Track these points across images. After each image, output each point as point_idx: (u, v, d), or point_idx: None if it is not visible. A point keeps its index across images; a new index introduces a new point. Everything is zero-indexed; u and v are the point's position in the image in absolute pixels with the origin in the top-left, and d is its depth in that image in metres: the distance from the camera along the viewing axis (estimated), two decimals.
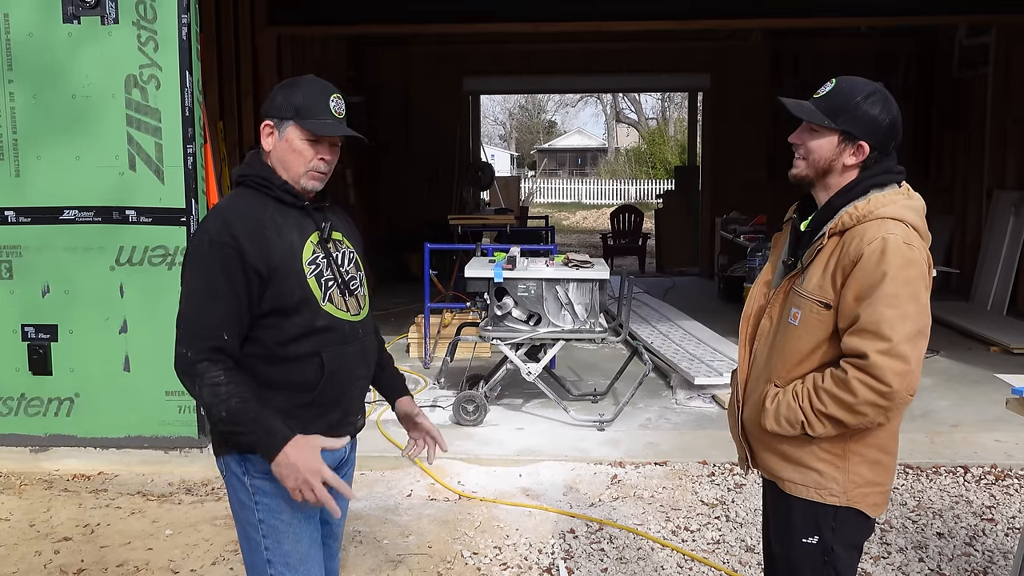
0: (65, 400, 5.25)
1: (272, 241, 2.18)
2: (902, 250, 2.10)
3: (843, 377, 2.12)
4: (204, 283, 2.16)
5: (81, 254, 5.13)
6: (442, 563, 3.89)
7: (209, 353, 2.12)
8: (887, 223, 2.13)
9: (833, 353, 2.19)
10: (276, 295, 2.18)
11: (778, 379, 2.26)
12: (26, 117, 5.08)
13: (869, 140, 2.19)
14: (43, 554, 3.98)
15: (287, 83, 2.30)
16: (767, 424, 2.24)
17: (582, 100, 40.76)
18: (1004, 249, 9.36)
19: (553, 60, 12.83)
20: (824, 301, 2.17)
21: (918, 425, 5.66)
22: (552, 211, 24.57)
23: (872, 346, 2.08)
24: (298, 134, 2.23)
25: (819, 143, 2.22)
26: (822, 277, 2.18)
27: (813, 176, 2.25)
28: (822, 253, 2.20)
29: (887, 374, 2.07)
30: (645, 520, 4.32)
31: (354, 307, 2.32)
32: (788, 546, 2.31)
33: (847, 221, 2.17)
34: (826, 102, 2.22)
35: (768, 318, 2.33)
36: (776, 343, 2.28)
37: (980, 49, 10.15)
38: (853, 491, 2.24)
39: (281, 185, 2.25)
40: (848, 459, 2.24)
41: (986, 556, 3.97)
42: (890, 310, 2.08)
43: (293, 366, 2.21)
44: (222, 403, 2.09)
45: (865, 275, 2.10)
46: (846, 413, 2.13)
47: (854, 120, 2.18)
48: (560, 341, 5.72)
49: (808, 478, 2.25)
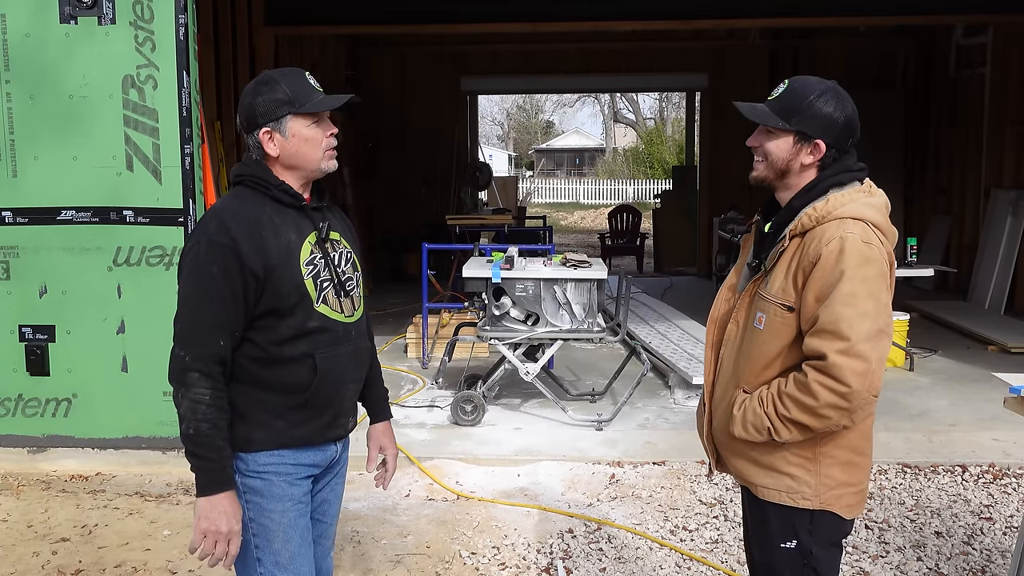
0: (63, 401, 5.24)
1: (269, 241, 2.17)
2: (860, 249, 2.09)
3: (804, 381, 2.10)
4: (201, 284, 2.15)
5: (78, 255, 5.12)
6: (440, 563, 3.88)
7: (204, 363, 2.12)
8: (846, 223, 2.12)
9: (797, 357, 2.17)
10: (273, 296, 2.17)
11: (746, 384, 2.25)
12: (23, 117, 5.07)
13: (825, 138, 2.19)
14: (41, 555, 3.98)
15: (256, 87, 2.24)
16: (735, 431, 2.23)
17: (580, 100, 40.77)
18: (1002, 248, 9.37)
19: (551, 60, 12.84)
20: (787, 304, 2.16)
21: (916, 424, 5.66)
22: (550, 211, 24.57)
23: (831, 346, 2.06)
24: (302, 123, 2.21)
25: (776, 144, 2.22)
26: (784, 279, 2.17)
27: (773, 177, 2.25)
28: (784, 255, 2.19)
29: (846, 374, 2.04)
30: (643, 520, 4.32)
31: (348, 308, 2.31)
32: (768, 551, 2.30)
33: (807, 222, 2.16)
34: (779, 103, 2.22)
35: (734, 323, 2.31)
36: (743, 348, 2.26)
37: (977, 49, 10.16)
38: (826, 494, 2.22)
39: (278, 185, 2.23)
40: (819, 462, 2.21)
41: (984, 555, 3.97)
42: (848, 309, 2.06)
43: (286, 367, 2.20)
44: (195, 422, 2.11)
45: (823, 275, 2.09)
46: (809, 417, 2.11)
47: (808, 119, 2.18)
48: (558, 341, 5.72)
49: (780, 483, 2.23)
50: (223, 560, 2.17)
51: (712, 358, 2.39)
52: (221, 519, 2.12)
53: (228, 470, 2.15)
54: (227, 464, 2.15)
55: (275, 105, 2.20)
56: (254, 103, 2.22)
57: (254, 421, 2.20)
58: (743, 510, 2.49)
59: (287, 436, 2.23)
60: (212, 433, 2.11)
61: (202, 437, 2.11)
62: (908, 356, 7.07)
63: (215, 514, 2.12)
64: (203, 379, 2.12)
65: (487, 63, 12.94)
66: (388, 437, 2.55)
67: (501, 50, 12.63)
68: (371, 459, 2.53)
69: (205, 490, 2.13)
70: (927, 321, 8.73)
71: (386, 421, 2.56)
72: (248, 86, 2.29)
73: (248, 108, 2.23)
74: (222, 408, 2.14)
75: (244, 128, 2.26)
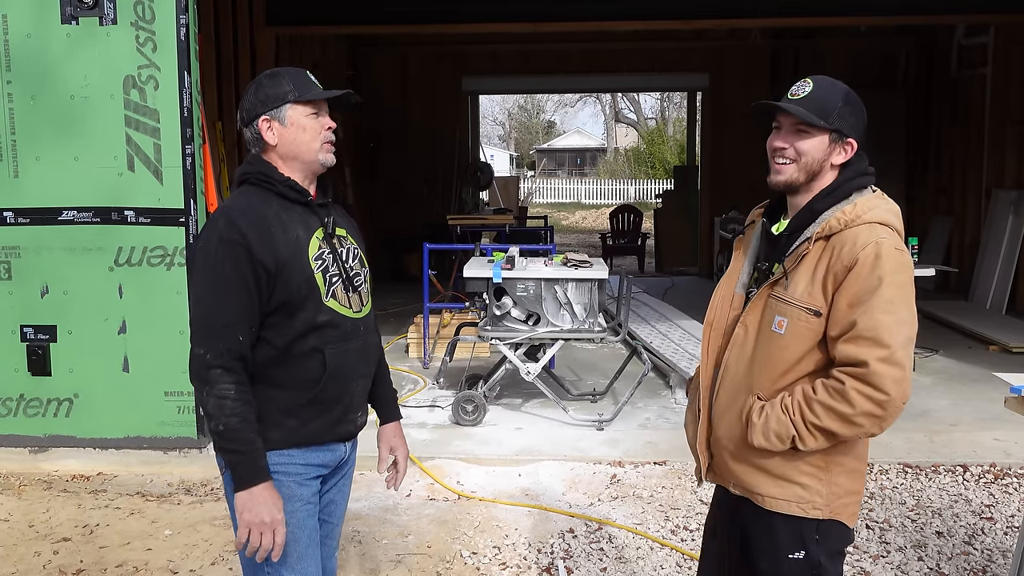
0: (64, 401, 5.25)
1: (278, 237, 2.18)
2: (895, 255, 2.07)
3: (839, 388, 2.05)
4: (216, 281, 2.15)
5: (80, 255, 5.12)
6: (441, 563, 3.88)
7: (225, 359, 2.12)
8: (876, 228, 2.09)
9: (818, 362, 2.13)
10: (283, 290, 2.18)
11: (761, 391, 2.18)
12: (24, 118, 5.08)
13: (856, 137, 2.18)
14: (42, 554, 3.98)
15: (260, 83, 2.28)
16: (755, 440, 2.15)
17: (581, 100, 40.77)
18: (1003, 248, 9.36)
19: (552, 60, 12.84)
20: (813, 308, 2.10)
21: (917, 424, 5.66)
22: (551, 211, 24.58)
23: (872, 353, 2.02)
24: (301, 111, 2.24)
25: (811, 143, 2.16)
26: (810, 283, 2.11)
27: (804, 180, 2.19)
28: (807, 259, 2.14)
29: (886, 382, 2.01)
30: (644, 519, 4.32)
31: (356, 304, 2.32)
32: (775, 563, 2.24)
33: (835, 226, 2.12)
34: (812, 103, 2.15)
35: (743, 327, 2.23)
36: (758, 353, 2.19)
37: (979, 49, 10.15)
38: (835, 503, 2.19)
39: (284, 181, 2.25)
40: (831, 471, 2.18)
41: (985, 555, 3.97)
42: (887, 316, 2.03)
43: (297, 363, 2.21)
44: (223, 417, 2.11)
45: (860, 281, 2.05)
46: (841, 425, 2.06)
47: (843, 118, 2.15)
48: (559, 341, 5.72)
49: (790, 492, 2.18)
50: (272, 551, 2.15)
51: (710, 364, 2.32)
52: (263, 510, 2.12)
53: (262, 461, 2.15)
54: (260, 456, 2.15)
55: (276, 96, 2.23)
56: (257, 95, 2.25)
57: (269, 421, 2.20)
58: (724, 523, 2.40)
59: (298, 435, 2.24)
60: (241, 427, 2.11)
61: (232, 431, 2.11)
62: None
63: (257, 506, 2.12)
64: (226, 374, 2.12)
65: (488, 63, 12.94)
66: (399, 438, 2.55)
67: (502, 50, 12.63)
68: (382, 459, 2.54)
69: (242, 483, 2.12)
70: (928, 321, 8.72)
71: (396, 422, 2.56)
72: (251, 84, 2.31)
73: (252, 100, 2.26)
74: (248, 402, 2.14)
75: (244, 121, 2.28)
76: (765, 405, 2.16)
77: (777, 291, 2.17)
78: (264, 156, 2.28)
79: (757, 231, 2.35)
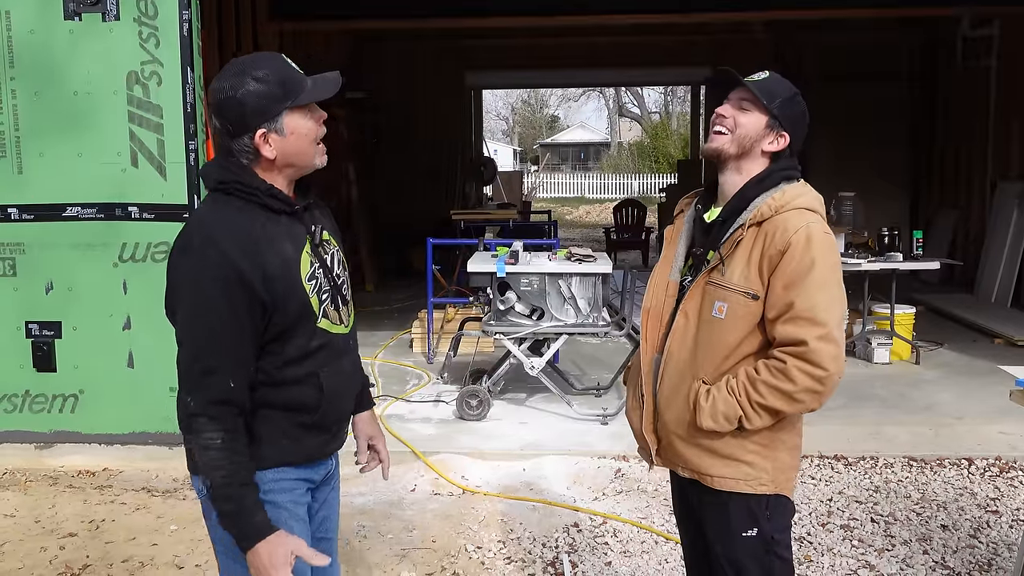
0: (69, 397, 5.26)
1: (270, 260, 1.98)
2: (825, 239, 2.17)
3: (781, 367, 2.14)
4: (209, 324, 1.95)
5: (84, 251, 5.13)
6: (446, 557, 3.89)
7: (211, 407, 1.95)
8: (805, 213, 2.19)
9: (757, 344, 2.22)
10: (281, 320, 2.01)
11: (706, 376, 2.25)
12: (28, 114, 5.08)
13: (791, 134, 2.28)
14: (48, 550, 3.99)
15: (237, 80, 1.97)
16: (704, 423, 2.22)
17: (585, 94, 40.72)
18: (1008, 241, 9.33)
19: (556, 54, 12.82)
20: (751, 292, 2.19)
21: (922, 418, 5.65)
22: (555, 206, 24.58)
23: (810, 332, 2.11)
24: (300, 115, 2.01)
25: (749, 119, 2.27)
26: (746, 268, 2.20)
27: (733, 154, 2.29)
28: (742, 244, 2.22)
29: (825, 359, 2.11)
30: (649, 514, 4.32)
31: (345, 316, 2.20)
32: (729, 543, 2.30)
33: (766, 212, 2.21)
34: (763, 86, 2.29)
35: (683, 315, 2.29)
36: (700, 339, 2.26)
37: (984, 41, 10.12)
38: (779, 477, 2.28)
39: (267, 191, 2.01)
40: (775, 448, 2.27)
41: (990, 548, 3.97)
42: (822, 295, 2.13)
43: (292, 388, 2.08)
44: (209, 471, 1.96)
45: (794, 263, 2.14)
46: (784, 402, 2.15)
47: (783, 109, 2.27)
48: (563, 335, 5.72)
49: (739, 471, 2.26)
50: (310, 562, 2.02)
51: (650, 351, 2.38)
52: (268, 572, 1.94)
53: (256, 516, 1.95)
54: (252, 511, 1.95)
55: (269, 101, 1.96)
56: (242, 100, 1.95)
57: (266, 440, 2.09)
58: (679, 509, 2.55)
59: (291, 455, 2.13)
60: (226, 483, 1.94)
61: (218, 490, 1.95)
62: (914, 350, 7.05)
63: (261, 567, 1.94)
64: (210, 423, 1.95)
65: (492, 58, 12.94)
66: (374, 426, 2.43)
67: (506, 45, 12.62)
68: (361, 450, 2.43)
69: (242, 543, 1.96)
70: (933, 314, 8.71)
71: (371, 410, 2.44)
72: (223, 80, 1.99)
73: (235, 106, 1.96)
74: (236, 451, 1.96)
75: (230, 131, 1.98)
76: (711, 388, 2.24)
77: (715, 277, 2.26)
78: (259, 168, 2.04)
79: (688, 219, 2.43)
